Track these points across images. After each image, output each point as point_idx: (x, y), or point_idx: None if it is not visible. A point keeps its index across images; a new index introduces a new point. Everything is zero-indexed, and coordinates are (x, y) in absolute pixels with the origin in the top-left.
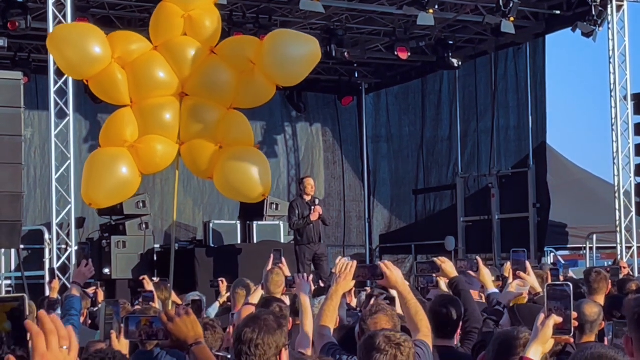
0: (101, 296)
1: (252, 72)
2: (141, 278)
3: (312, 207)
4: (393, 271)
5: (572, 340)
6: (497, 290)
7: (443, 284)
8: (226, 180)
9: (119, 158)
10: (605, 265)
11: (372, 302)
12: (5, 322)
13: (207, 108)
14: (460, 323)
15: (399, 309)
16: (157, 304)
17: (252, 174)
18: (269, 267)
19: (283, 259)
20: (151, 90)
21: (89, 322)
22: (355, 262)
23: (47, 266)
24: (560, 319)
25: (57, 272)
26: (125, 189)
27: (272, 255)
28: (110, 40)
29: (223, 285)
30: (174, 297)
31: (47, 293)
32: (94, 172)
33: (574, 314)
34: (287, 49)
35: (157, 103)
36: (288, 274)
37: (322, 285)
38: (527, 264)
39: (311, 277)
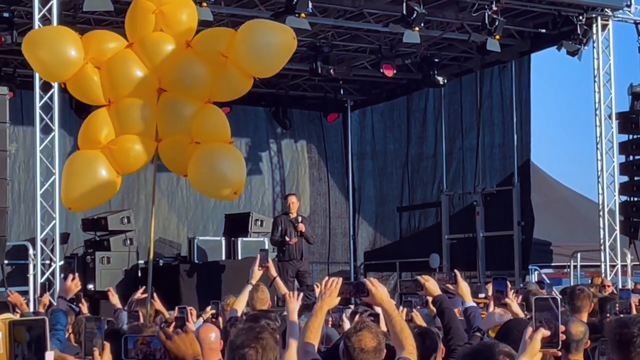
0: (85, 309)
1: (226, 64)
2: (106, 290)
3: (296, 225)
4: (378, 288)
5: (560, 353)
6: (474, 304)
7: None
8: (198, 177)
9: (95, 160)
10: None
11: (356, 318)
12: (25, 336)
13: (184, 103)
14: (434, 354)
15: (383, 326)
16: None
17: (224, 172)
18: (256, 266)
19: (269, 259)
20: (128, 88)
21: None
22: (340, 279)
23: (31, 282)
24: (548, 332)
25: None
26: (105, 191)
27: (258, 255)
28: (84, 41)
29: (193, 314)
30: (165, 312)
31: (31, 307)
32: (72, 176)
33: (562, 328)
34: (260, 40)
35: (134, 101)
36: (275, 274)
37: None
38: (509, 291)
39: (301, 295)
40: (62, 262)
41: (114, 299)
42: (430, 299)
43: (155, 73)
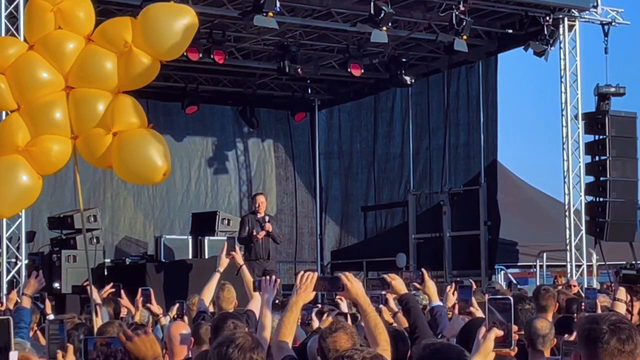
0: (49, 307)
1: (131, 52)
2: (85, 284)
3: (263, 224)
4: (354, 283)
5: (513, 353)
6: (441, 303)
7: (392, 301)
8: (125, 166)
9: (14, 165)
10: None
11: (324, 318)
12: None
13: (94, 97)
14: (405, 357)
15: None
16: (99, 318)
17: (150, 155)
18: (223, 254)
19: (237, 247)
20: (35, 90)
21: (39, 336)
22: (315, 274)
23: None
24: (501, 332)
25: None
26: (28, 195)
27: (226, 243)
28: None
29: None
30: (132, 308)
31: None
32: None
33: (515, 327)
34: (162, 23)
35: (44, 102)
36: (241, 262)
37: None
38: (473, 300)
39: (278, 281)
40: (27, 261)
41: (94, 293)
42: (392, 297)
43: (61, 72)
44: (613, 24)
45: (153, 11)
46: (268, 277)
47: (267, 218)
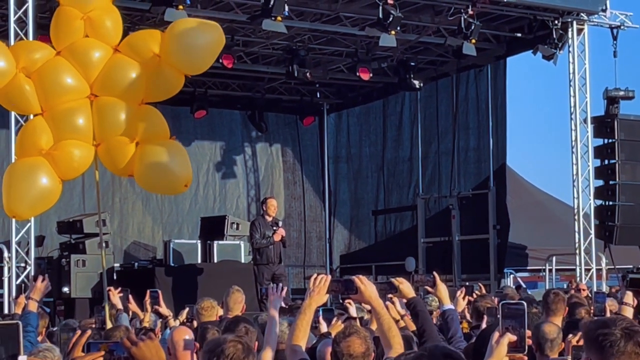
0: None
1: (158, 64)
2: (108, 289)
3: (276, 228)
4: (367, 286)
5: (526, 358)
6: (452, 307)
7: (398, 304)
8: (147, 176)
9: (36, 168)
10: (565, 286)
11: (333, 322)
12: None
13: (118, 106)
14: None
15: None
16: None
17: (172, 166)
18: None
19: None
20: (60, 96)
21: (47, 341)
22: (329, 277)
23: (5, 284)
24: (514, 337)
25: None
26: (47, 198)
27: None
28: (13, 52)
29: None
30: (140, 313)
31: (6, 310)
32: (14, 185)
33: (528, 333)
34: (190, 38)
35: (68, 108)
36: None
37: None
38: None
39: (285, 290)
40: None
41: (115, 298)
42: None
43: (87, 79)
44: (622, 27)
45: (182, 26)
46: (275, 285)
47: (280, 223)
